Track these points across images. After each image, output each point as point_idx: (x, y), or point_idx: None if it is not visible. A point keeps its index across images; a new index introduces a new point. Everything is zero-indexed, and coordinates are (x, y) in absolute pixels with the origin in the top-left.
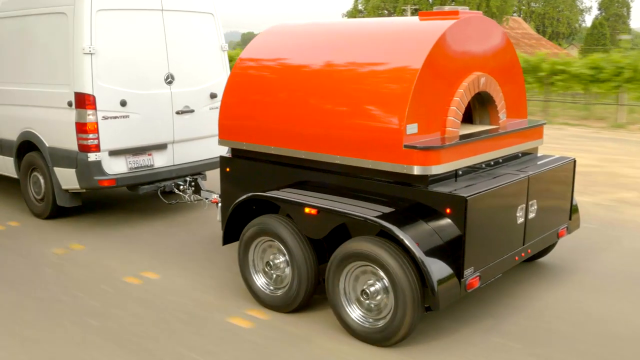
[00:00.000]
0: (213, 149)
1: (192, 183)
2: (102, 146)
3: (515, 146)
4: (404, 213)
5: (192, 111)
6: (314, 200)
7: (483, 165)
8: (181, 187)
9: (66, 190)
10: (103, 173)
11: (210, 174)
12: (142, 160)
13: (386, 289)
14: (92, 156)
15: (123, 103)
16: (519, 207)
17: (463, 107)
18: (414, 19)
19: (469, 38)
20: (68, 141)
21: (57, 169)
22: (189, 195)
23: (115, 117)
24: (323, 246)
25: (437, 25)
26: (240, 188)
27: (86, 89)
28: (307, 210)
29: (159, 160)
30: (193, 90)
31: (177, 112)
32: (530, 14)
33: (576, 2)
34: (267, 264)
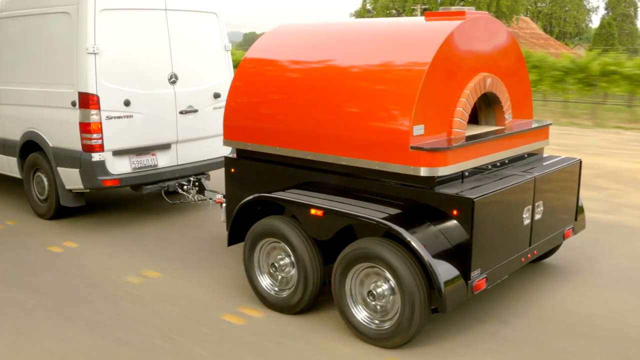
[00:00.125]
0: (217, 149)
1: (196, 183)
2: (106, 146)
3: (521, 147)
4: (411, 214)
5: (196, 111)
6: (320, 201)
7: (489, 166)
8: (185, 187)
9: (70, 190)
10: (107, 173)
11: (213, 174)
12: (146, 160)
13: (393, 291)
14: (96, 156)
15: (127, 103)
16: (526, 208)
17: (469, 108)
18: (420, 20)
19: (475, 38)
20: (72, 141)
21: (61, 169)
22: (193, 195)
23: (119, 117)
24: (328, 247)
25: (444, 25)
26: (245, 189)
27: (90, 89)
28: (313, 211)
29: (163, 160)
30: (197, 90)
31: (181, 112)
32: (537, 14)
33: (583, 2)
34: (273, 265)
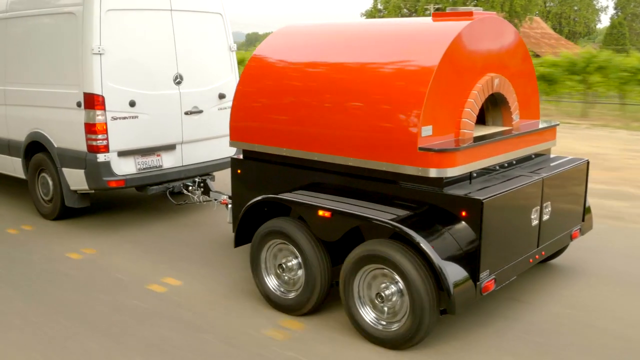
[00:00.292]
0: (222, 150)
1: (201, 184)
2: (111, 147)
3: (529, 147)
4: (419, 216)
5: (201, 112)
6: (328, 202)
7: (497, 167)
8: (190, 188)
9: (75, 191)
10: (112, 174)
11: (218, 175)
12: (151, 160)
13: (401, 292)
14: (101, 157)
15: (132, 103)
16: (534, 209)
17: (477, 109)
18: (428, 20)
19: (483, 39)
20: (77, 142)
21: (66, 170)
22: (198, 196)
23: (124, 118)
24: (335, 248)
25: (452, 26)
26: (251, 190)
27: (95, 90)
28: (321, 212)
29: (168, 160)
30: (202, 90)
31: (186, 113)
32: (546, 14)
33: (593, 2)
34: (280, 267)
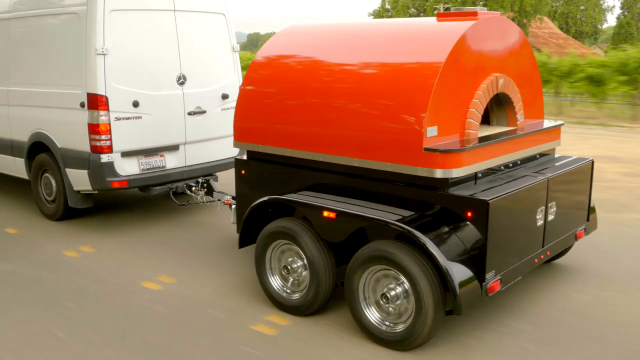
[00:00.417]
0: (225, 150)
1: (204, 184)
2: (115, 147)
3: (534, 147)
4: (424, 216)
5: (204, 112)
6: (333, 203)
7: (502, 167)
8: (193, 189)
9: (78, 191)
10: (115, 174)
11: (221, 175)
12: (154, 161)
13: (406, 293)
14: (105, 157)
15: (135, 104)
16: (539, 210)
17: (482, 109)
18: (433, 20)
19: (488, 39)
20: (80, 142)
21: (69, 170)
22: (201, 196)
23: (127, 118)
24: (340, 249)
25: (457, 26)
26: (256, 191)
27: (99, 90)
28: (326, 213)
29: (171, 161)
30: (205, 91)
31: (189, 113)
32: (553, 14)
33: (599, 1)
34: (285, 267)
